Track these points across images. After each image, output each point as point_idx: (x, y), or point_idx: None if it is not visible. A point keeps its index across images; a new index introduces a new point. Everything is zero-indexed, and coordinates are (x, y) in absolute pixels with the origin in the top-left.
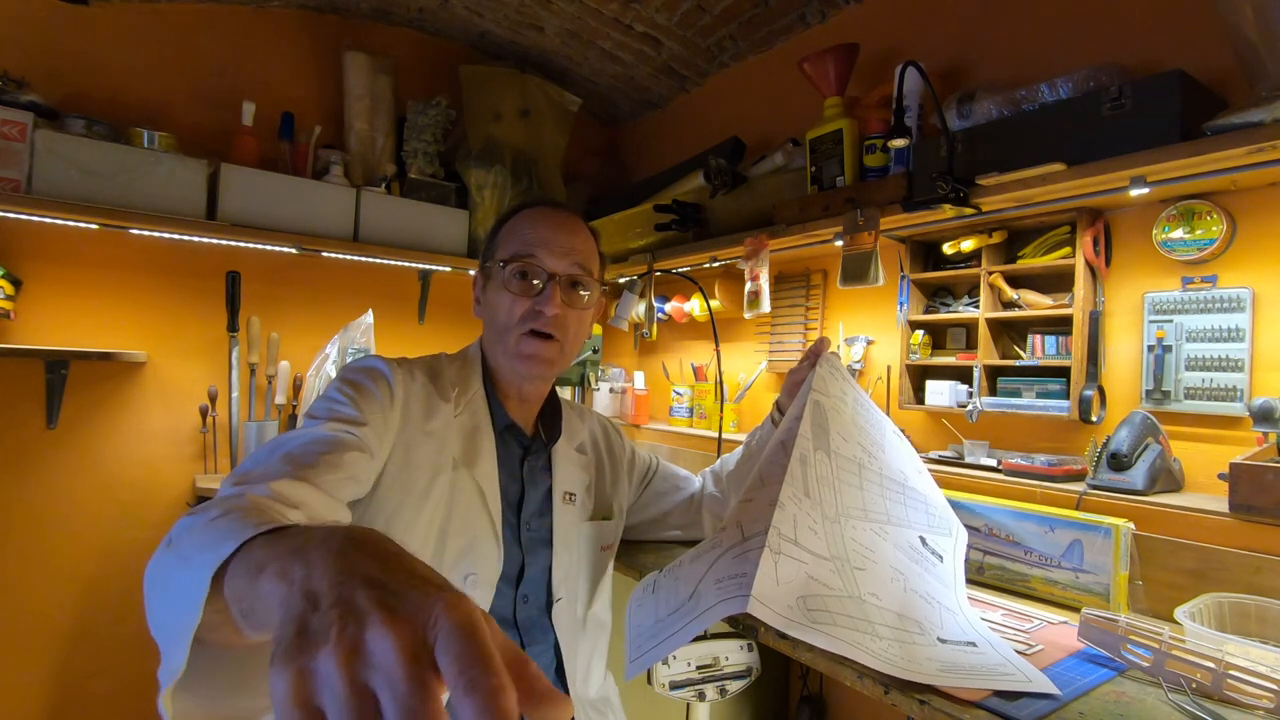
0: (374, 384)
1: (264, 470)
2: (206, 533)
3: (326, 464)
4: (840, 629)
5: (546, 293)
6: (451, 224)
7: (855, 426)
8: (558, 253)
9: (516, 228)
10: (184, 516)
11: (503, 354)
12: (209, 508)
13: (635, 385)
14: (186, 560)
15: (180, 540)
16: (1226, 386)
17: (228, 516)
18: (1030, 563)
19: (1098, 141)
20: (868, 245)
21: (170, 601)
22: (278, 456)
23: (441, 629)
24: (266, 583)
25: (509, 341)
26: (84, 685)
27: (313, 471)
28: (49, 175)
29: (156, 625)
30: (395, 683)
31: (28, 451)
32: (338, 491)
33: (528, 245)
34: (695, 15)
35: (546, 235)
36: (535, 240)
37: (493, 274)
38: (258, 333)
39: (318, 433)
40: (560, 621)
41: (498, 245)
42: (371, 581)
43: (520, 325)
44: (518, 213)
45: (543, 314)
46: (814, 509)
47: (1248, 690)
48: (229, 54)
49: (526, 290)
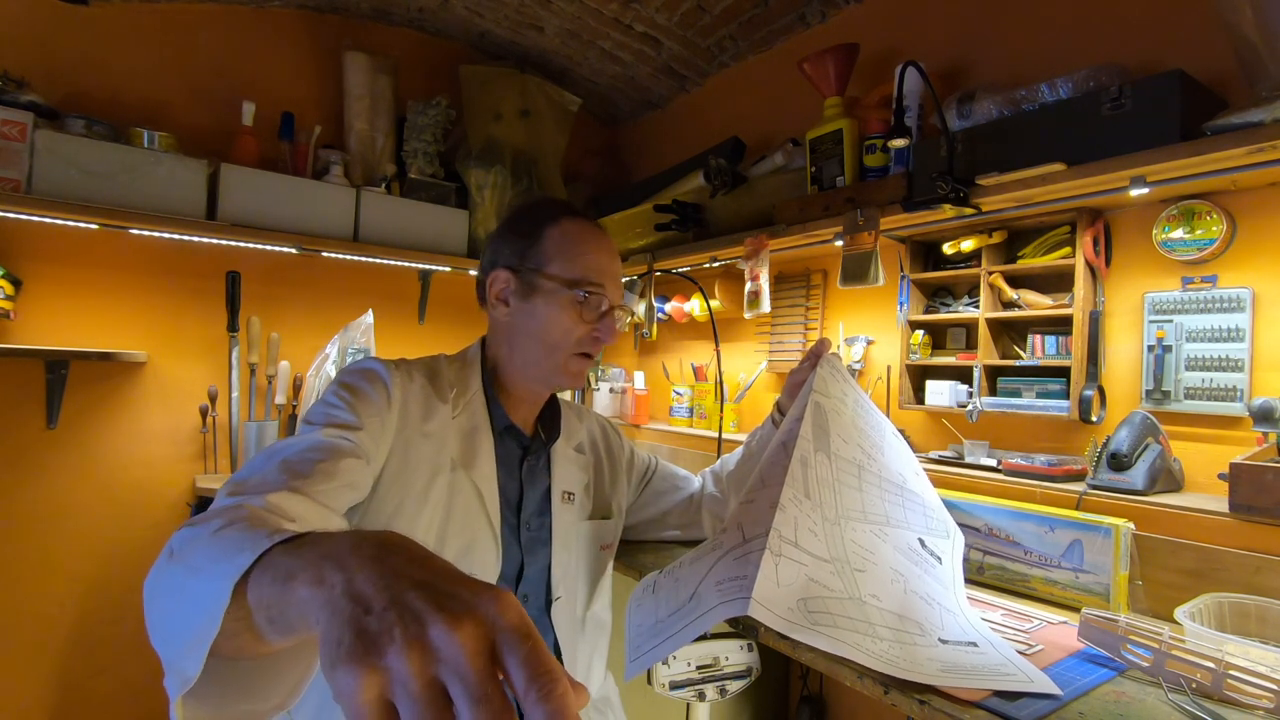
0: (371, 387)
1: (260, 480)
2: (216, 544)
3: (322, 473)
4: (841, 630)
5: (608, 322)
6: (451, 224)
7: (855, 428)
8: (617, 284)
9: (574, 247)
10: (183, 528)
11: (540, 367)
12: (208, 519)
13: (635, 385)
14: (198, 571)
15: (185, 552)
16: (1226, 386)
17: (234, 527)
18: (1030, 563)
19: (1098, 141)
20: (868, 245)
21: (182, 611)
22: (274, 464)
23: (503, 631)
24: (301, 589)
25: (558, 359)
26: (84, 685)
27: (308, 482)
28: (49, 175)
29: (162, 635)
30: (467, 677)
31: (28, 451)
32: (334, 501)
33: (598, 274)
34: (695, 15)
35: (606, 264)
36: (601, 268)
37: (545, 290)
38: (258, 333)
39: (314, 439)
40: (560, 621)
41: (547, 257)
42: (418, 583)
43: (576, 346)
44: (558, 220)
45: (602, 341)
46: (814, 511)
47: (1248, 690)
48: (229, 54)
49: (592, 317)
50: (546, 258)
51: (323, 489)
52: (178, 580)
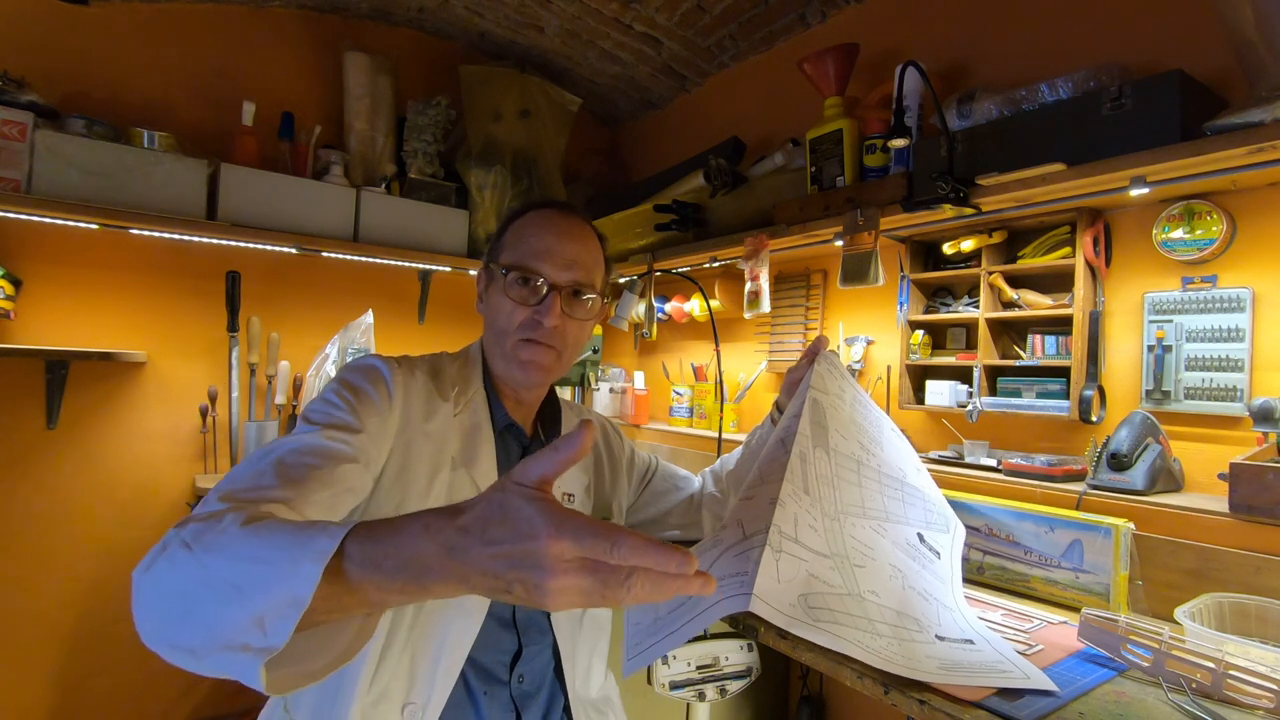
0: (372, 386)
1: (254, 486)
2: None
3: (317, 480)
4: (842, 627)
5: (546, 303)
6: (451, 224)
7: (853, 424)
8: (561, 264)
9: (523, 232)
10: (186, 525)
11: (500, 356)
12: (219, 514)
13: (635, 385)
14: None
15: (214, 544)
16: (1226, 386)
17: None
18: (1030, 563)
19: (1098, 141)
20: (868, 245)
21: (239, 597)
22: (269, 465)
23: None
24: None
25: (506, 345)
26: (84, 684)
27: (303, 490)
28: (49, 175)
29: (202, 623)
30: None
31: (28, 451)
32: (327, 513)
33: (532, 255)
34: (695, 15)
35: (551, 244)
36: (540, 250)
37: (495, 277)
38: (258, 333)
39: (312, 442)
40: (559, 621)
41: (503, 246)
42: None
43: (518, 332)
44: (525, 213)
45: (541, 324)
46: (814, 506)
47: (1248, 690)
48: (229, 54)
49: (526, 298)
50: (502, 248)
51: (317, 499)
52: (216, 570)
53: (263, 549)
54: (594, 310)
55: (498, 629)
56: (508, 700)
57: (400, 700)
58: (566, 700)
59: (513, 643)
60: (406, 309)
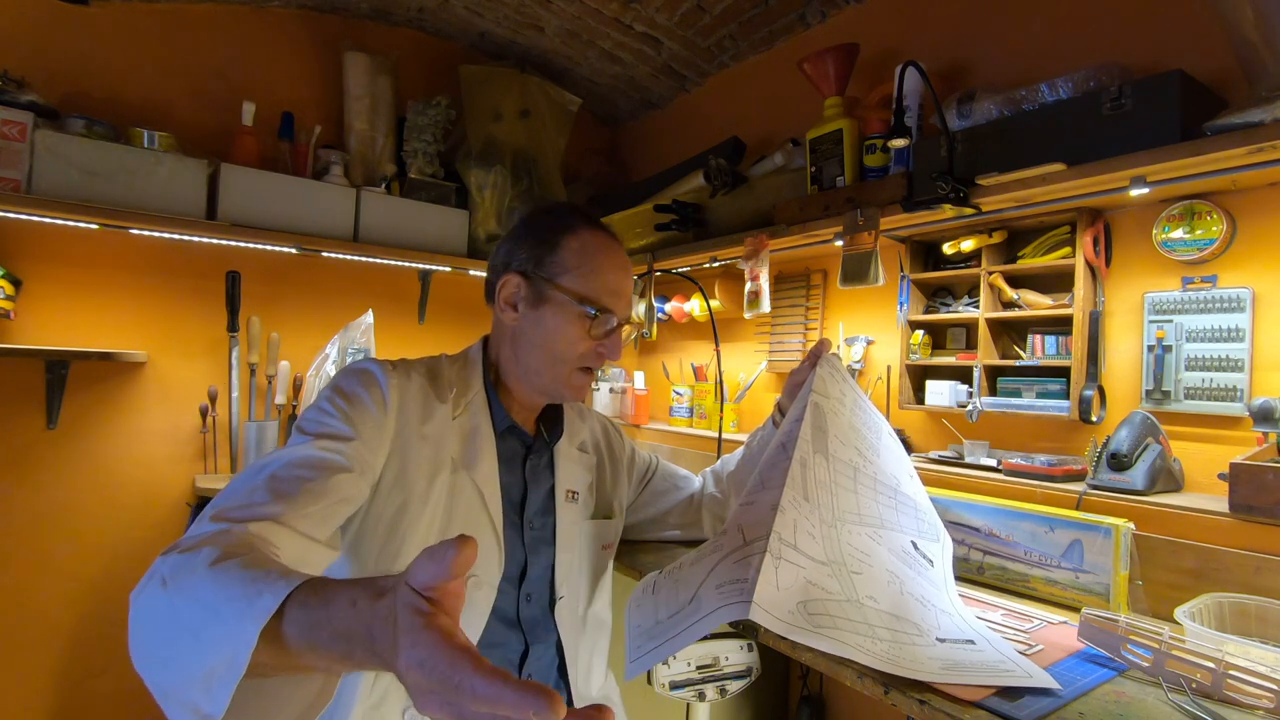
0: (367, 392)
1: (245, 504)
2: (220, 581)
3: (309, 494)
4: (842, 632)
5: (614, 340)
6: (451, 224)
7: (852, 430)
8: (626, 304)
9: (592, 262)
10: (170, 554)
11: (541, 377)
12: (197, 546)
13: (635, 385)
14: (213, 610)
15: (182, 583)
16: (1226, 386)
17: (233, 563)
18: (1030, 563)
19: (1098, 141)
20: (868, 245)
21: (192, 647)
22: (262, 483)
23: None
24: None
25: (560, 371)
26: (85, 685)
27: (294, 504)
28: (49, 175)
29: (162, 665)
30: None
31: (28, 451)
32: (319, 526)
33: (608, 293)
34: (695, 15)
35: (622, 283)
36: (615, 288)
37: (556, 301)
38: (258, 333)
39: (305, 454)
40: (563, 620)
41: (565, 268)
42: None
43: (580, 361)
44: (580, 230)
45: (604, 358)
46: (813, 513)
47: (1248, 690)
48: (229, 54)
49: (599, 334)
50: (561, 268)
51: (309, 511)
52: (181, 613)
53: (218, 597)
54: None
55: (503, 629)
56: None
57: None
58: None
59: (520, 643)
60: (406, 309)
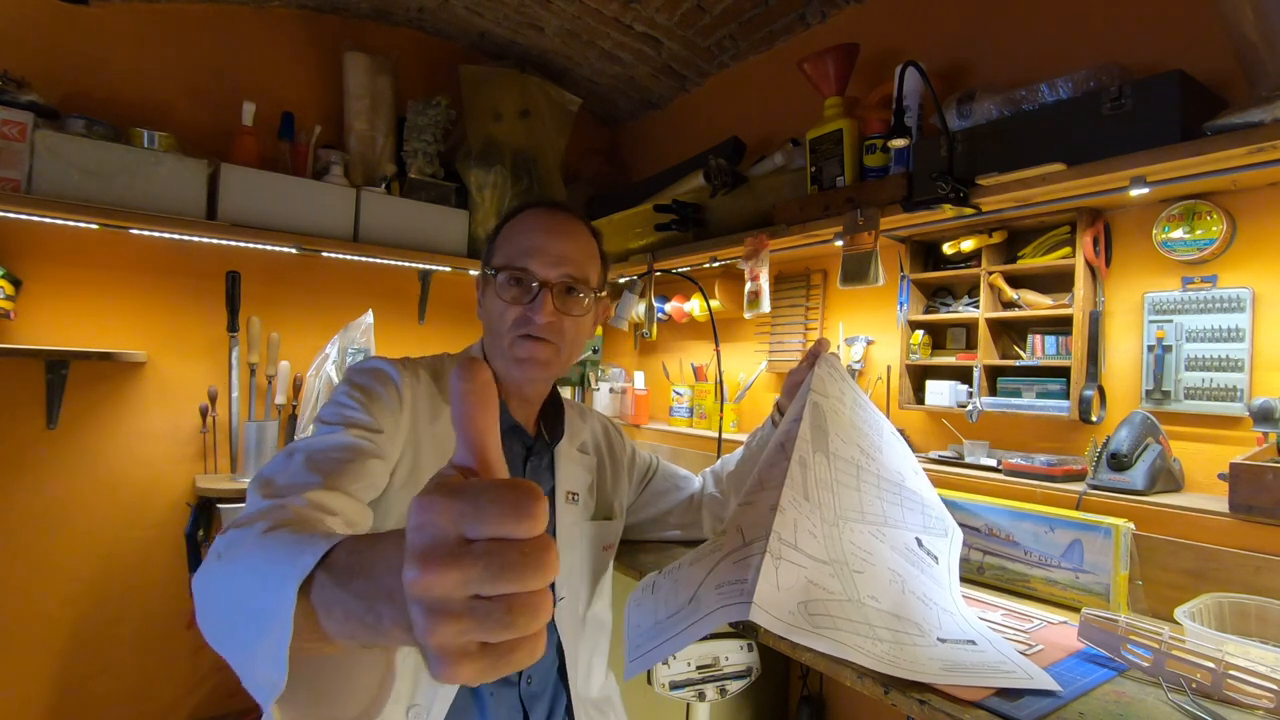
0: (382, 387)
1: (290, 479)
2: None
3: (352, 473)
4: (843, 633)
5: (538, 301)
6: (451, 224)
7: (853, 428)
8: (550, 260)
9: (513, 233)
10: (228, 530)
11: (499, 357)
12: (253, 520)
13: (635, 385)
14: (260, 575)
15: (234, 554)
16: (1226, 386)
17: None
18: (1030, 563)
19: (1098, 141)
20: (868, 245)
21: (246, 617)
22: (299, 462)
23: None
24: None
25: (503, 345)
26: (84, 684)
27: (341, 480)
28: (49, 175)
29: (226, 639)
30: None
31: (28, 451)
32: (364, 497)
33: (520, 254)
34: (695, 15)
35: (540, 242)
36: (529, 248)
37: (490, 281)
38: (258, 333)
39: (338, 440)
40: (562, 621)
41: (495, 250)
42: None
43: (513, 329)
44: (517, 215)
45: (533, 321)
46: (813, 512)
47: (1248, 690)
48: (229, 54)
49: (519, 298)
50: (494, 251)
51: (355, 487)
52: (233, 583)
53: (265, 561)
54: (589, 305)
55: None
56: (515, 702)
57: (405, 701)
58: (569, 700)
59: None
60: (406, 309)
